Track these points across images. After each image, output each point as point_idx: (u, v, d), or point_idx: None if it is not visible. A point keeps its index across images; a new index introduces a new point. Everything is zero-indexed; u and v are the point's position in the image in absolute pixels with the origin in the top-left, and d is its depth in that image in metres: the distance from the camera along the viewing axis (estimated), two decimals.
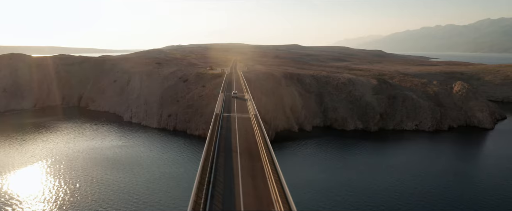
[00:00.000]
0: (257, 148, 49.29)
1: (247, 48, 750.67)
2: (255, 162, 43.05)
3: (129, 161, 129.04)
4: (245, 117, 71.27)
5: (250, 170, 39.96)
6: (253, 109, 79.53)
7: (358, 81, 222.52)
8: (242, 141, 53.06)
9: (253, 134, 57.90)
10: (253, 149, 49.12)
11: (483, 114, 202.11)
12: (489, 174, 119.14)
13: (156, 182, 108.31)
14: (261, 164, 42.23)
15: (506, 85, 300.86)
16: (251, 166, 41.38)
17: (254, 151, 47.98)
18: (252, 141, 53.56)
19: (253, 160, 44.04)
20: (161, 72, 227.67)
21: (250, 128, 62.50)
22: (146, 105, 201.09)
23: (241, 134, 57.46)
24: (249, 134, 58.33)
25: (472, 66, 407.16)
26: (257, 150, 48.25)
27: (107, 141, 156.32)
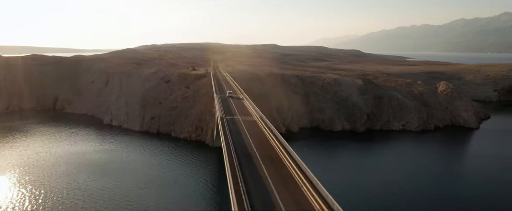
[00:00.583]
0: (276, 153, 48.39)
1: (224, 47, 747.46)
2: (281, 168, 42.16)
3: (114, 166, 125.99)
4: (250, 120, 70.16)
5: (279, 177, 39.05)
6: (254, 111, 78.51)
7: (343, 81, 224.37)
8: (257, 146, 52.04)
9: (266, 138, 56.98)
10: (272, 154, 48.20)
11: (469, 113, 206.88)
12: (479, 173, 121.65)
13: (147, 188, 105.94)
14: (287, 170, 41.38)
15: (486, 84, 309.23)
16: (278, 173, 40.47)
17: (274, 156, 47.06)
18: (268, 146, 52.61)
19: (277, 166, 43.14)
20: (141, 72, 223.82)
21: (260, 131, 61.51)
22: (127, 107, 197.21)
23: (253, 138, 56.45)
24: (261, 138, 57.36)
25: (452, 65, 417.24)
26: (277, 155, 47.35)
27: (89, 145, 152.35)
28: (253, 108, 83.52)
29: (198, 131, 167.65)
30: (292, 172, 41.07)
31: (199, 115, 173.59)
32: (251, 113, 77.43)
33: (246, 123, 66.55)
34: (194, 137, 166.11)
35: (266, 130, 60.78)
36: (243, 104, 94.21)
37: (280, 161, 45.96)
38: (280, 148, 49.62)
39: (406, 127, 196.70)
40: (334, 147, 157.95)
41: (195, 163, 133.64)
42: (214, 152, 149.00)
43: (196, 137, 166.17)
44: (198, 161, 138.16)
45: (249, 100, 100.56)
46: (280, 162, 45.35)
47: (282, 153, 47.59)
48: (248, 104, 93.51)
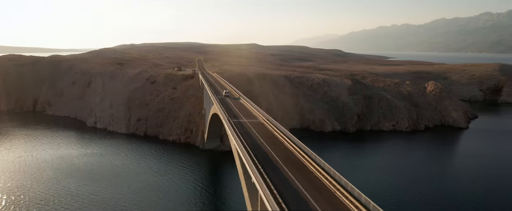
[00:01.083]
0: (295, 156, 47.88)
1: (205, 47, 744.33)
2: (307, 174, 41.66)
3: (104, 170, 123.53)
4: (256, 122, 69.38)
5: (309, 183, 38.49)
6: (258, 113, 77.82)
7: (332, 81, 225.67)
8: (274, 150, 51.39)
9: (280, 141, 56.38)
10: (291, 157, 47.65)
11: (458, 113, 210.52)
12: (476, 174, 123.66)
13: (140, 193, 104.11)
14: (315, 176, 40.89)
15: (472, 84, 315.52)
16: (306, 178, 39.91)
17: (296, 161, 46.53)
18: (284, 149, 52.03)
19: (302, 171, 42.62)
20: (125, 73, 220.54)
21: (271, 134, 60.85)
22: (112, 109, 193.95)
23: (267, 141, 55.74)
24: (275, 141, 56.70)
25: (437, 65, 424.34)
26: (298, 160, 46.86)
27: (74, 149, 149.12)
28: (256, 109, 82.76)
29: (188, 134, 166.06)
30: (320, 176, 40.61)
31: (188, 117, 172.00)
32: (255, 115, 76.62)
33: (254, 126, 65.67)
34: (184, 140, 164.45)
35: (278, 133, 60.11)
36: (243, 105, 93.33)
37: (301, 164, 45.45)
38: (299, 151, 49.11)
39: (396, 127, 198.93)
40: (326, 148, 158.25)
41: (187, 167, 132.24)
42: (205, 155, 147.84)
43: (185, 139, 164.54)
44: (190, 164, 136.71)
45: (248, 101, 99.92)
46: (302, 166, 44.83)
47: (304, 157, 47.08)
48: (248, 105, 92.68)
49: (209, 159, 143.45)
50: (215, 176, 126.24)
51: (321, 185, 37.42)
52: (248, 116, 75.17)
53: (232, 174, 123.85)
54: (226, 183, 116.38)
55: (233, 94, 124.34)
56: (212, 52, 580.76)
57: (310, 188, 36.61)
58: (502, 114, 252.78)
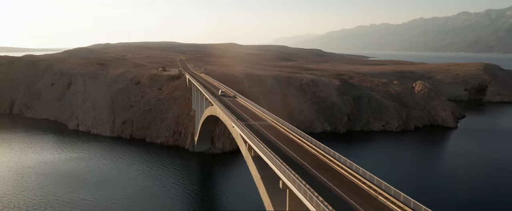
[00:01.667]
0: (323, 161, 47.10)
1: (183, 47, 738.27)
2: (341, 178, 40.91)
3: (93, 176, 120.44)
4: (266, 124, 68.21)
5: (347, 188, 37.73)
6: (265, 114, 76.77)
7: (321, 81, 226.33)
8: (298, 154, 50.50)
9: (299, 144, 55.52)
10: (320, 162, 46.85)
11: (446, 113, 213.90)
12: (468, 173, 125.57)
13: (134, 199, 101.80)
14: (350, 180, 40.19)
15: (456, 83, 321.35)
16: (342, 183, 39.15)
17: (324, 165, 45.76)
18: (309, 153, 51.20)
19: (334, 176, 41.86)
20: (107, 74, 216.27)
21: (287, 137, 59.95)
22: (95, 111, 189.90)
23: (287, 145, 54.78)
24: (293, 144, 55.81)
25: (421, 65, 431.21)
26: (325, 163, 46.09)
27: (59, 153, 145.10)
28: (261, 110, 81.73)
29: (176, 136, 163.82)
30: (352, 179, 39.97)
31: (176, 118, 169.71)
32: (261, 117, 75.51)
33: (266, 129, 64.57)
34: (172, 142, 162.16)
35: (294, 135, 59.25)
36: (244, 106, 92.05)
37: (329, 167, 44.73)
38: (325, 154, 48.38)
39: (386, 127, 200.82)
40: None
41: (180, 170, 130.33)
42: (196, 158, 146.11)
43: (174, 142, 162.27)
44: (182, 168, 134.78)
45: (248, 101, 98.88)
46: (331, 169, 44.12)
47: (329, 160, 46.36)
48: (249, 105, 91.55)
49: (200, 162, 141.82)
50: (209, 179, 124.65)
51: (361, 191, 36.73)
52: (255, 118, 74.02)
53: (227, 177, 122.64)
54: (221, 186, 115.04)
55: (228, 93, 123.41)
56: (191, 51, 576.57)
57: (351, 193, 35.90)
58: (488, 113, 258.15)
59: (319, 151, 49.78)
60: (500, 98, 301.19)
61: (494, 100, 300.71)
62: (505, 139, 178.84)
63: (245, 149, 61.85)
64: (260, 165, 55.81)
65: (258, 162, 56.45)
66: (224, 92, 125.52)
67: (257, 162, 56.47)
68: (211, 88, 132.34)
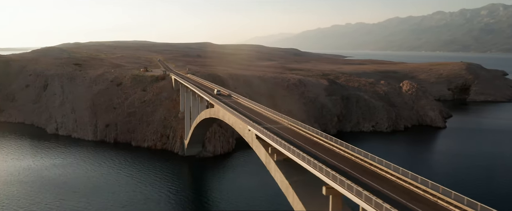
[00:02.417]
0: (363, 165, 46.53)
1: (158, 46, 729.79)
2: (389, 183, 40.37)
3: (81, 183, 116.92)
4: (283, 127, 67.21)
5: (401, 192, 37.18)
6: (276, 116, 75.84)
7: (308, 82, 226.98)
8: (335, 159, 49.83)
9: (330, 148, 54.87)
10: (361, 167, 46.23)
11: (435, 113, 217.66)
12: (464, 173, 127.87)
13: (129, 206, 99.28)
14: (399, 184, 39.68)
15: (440, 83, 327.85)
16: (394, 188, 38.60)
17: (367, 169, 45.19)
18: (344, 157, 50.56)
19: (382, 180, 41.29)
20: (85, 74, 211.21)
21: (313, 141, 59.20)
22: (75, 114, 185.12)
23: (317, 149, 54.00)
24: (324, 148, 55.09)
25: (403, 64, 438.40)
26: (367, 168, 45.52)
27: (41, 159, 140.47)
28: (269, 111, 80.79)
29: (164, 139, 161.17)
30: (402, 183, 39.54)
31: (163, 121, 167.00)
32: (275, 120, 74.41)
33: (285, 132, 63.53)
34: (160, 146, 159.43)
35: (321, 139, 58.52)
36: (250, 108, 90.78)
37: (373, 171, 44.22)
38: (360, 157, 47.90)
39: (376, 128, 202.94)
40: None
41: (171, 175, 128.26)
42: (187, 162, 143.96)
43: (162, 145, 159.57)
44: (173, 172, 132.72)
45: (251, 101, 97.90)
46: (375, 173, 43.60)
47: (370, 164, 45.87)
48: (256, 107, 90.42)
49: (192, 166, 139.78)
50: (204, 184, 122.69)
51: (416, 196, 36.29)
52: (268, 120, 72.92)
53: (222, 181, 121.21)
54: (218, 191, 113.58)
55: (223, 92, 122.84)
56: (167, 51, 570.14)
57: (411, 199, 35.41)
58: (474, 112, 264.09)
59: (355, 155, 49.27)
60: (484, 97, 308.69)
61: (478, 100, 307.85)
62: (496, 138, 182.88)
63: (265, 154, 60.80)
64: (287, 170, 54.96)
65: (284, 167, 55.57)
66: (220, 91, 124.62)
67: (283, 167, 55.57)
68: (204, 88, 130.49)
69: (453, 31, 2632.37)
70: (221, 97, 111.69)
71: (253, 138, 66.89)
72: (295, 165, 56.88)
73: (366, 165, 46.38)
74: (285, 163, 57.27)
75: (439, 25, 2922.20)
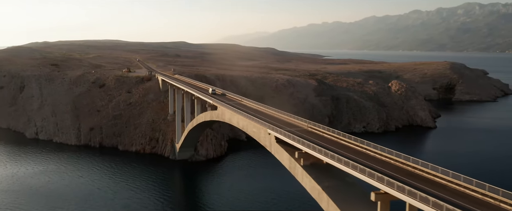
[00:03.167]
0: (406, 169, 45.93)
1: (132, 46, 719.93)
2: (444, 187, 39.85)
3: (71, 191, 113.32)
4: (303, 130, 66.20)
5: (462, 198, 36.63)
6: (291, 118, 74.82)
7: (297, 82, 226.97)
8: (374, 163, 49.07)
9: (363, 152, 54.15)
10: (405, 170, 45.57)
11: (425, 113, 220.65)
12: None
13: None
14: (455, 188, 39.17)
15: (425, 83, 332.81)
16: (452, 193, 38.04)
17: (412, 173, 44.55)
18: (382, 161, 49.89)
19: (434, 184, 40.73)
20: (64, 75, 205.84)
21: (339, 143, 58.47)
22: (56, 117, 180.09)
23: (349, 153, 53.28)
24: (357, 152, 54.35)
25: (387, 64, 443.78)
26: (412, 172, 44.92)
27: (24, 166, 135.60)
28: (284, 114, 79.78)
29: (153, 143, 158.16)
30: (458, 188, 39.08)
31: (151, 124, 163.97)
32: (290, 122, 73.28)
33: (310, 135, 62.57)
34: (149, 150, 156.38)
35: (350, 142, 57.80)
36: (258, 110, 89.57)
37: (419, 175, 43.72)
38: (402, 161, 47.41)
39: (367, 128, 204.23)
40: None
41: (165, 181, 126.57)
42: (179, 166, 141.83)
43: (151, 149, 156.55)
44: (167, 178, 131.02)
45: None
46: (423, 177, 43.10)
47: (413, 168, 45.36)
48: (264, 109, 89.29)
49: (186, 171, 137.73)
50: (199, 189, 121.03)
51: (480, 201, 35.81)
52: (282, 123, 71.81)
53: (222, 185, 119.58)
54: (219, 195, 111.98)
55: (217, 91, 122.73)
56: (143, 50, 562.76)
57: (472, 202, 34.93)
58: (461, 112, 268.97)
59: (394, 158, 48.69)
60: (469, 97, 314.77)
61: (464, 99, 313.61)
62: (490, 137, 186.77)
63: (289, 158, 59.68)
64: (318, 175, 53.98)
65: (314, 172, 54.55)
66: (214, 90, 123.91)
67: (313, 172, 54.56)
68: (198, 89, 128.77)
69: (429, 30, 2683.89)
70: (219, 97, 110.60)
71: (272, 142, 65.69)
72: (324, 169, 56.18)
73: (409, 168, 45.80)
74: (313, 167, 56.36)
75: (415, 24, 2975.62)
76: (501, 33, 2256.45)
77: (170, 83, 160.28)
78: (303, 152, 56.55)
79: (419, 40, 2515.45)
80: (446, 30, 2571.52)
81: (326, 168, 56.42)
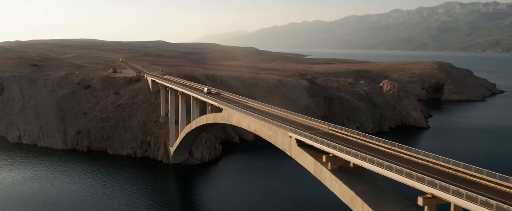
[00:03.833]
0: (450, 172, 45.45)
1: (109, 45, 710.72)
2: (486, 190, 39.53)
3: (63, 200, 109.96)
4: (324, 133, 65.33)
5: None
6: (307, 120, 73.92)
7: (288, 82, 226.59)
8: (416, 167, 48.56)
9: (396, 154, 53.63)
10: (450, 174, 45.10)
11: (418, 113, 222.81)
12: None
13: None
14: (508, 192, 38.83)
15: (414, 83, 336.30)
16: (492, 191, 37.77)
17: (458, 177, 44.10)
18: (421, 164, 49.38)
19: (487, 189, 40.32)
20: (47, 76, 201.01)
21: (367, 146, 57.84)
22: (40, 120, 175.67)
23: (381, 156, 52.67)
24: (389, 155, 53.74)
25: (375, 64, 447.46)
26: (458, 176, 44.51)
27: (11, 172, 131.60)
28: (299, 116, 78.86)
29: (145, 146, 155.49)
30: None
31: (142, 126, 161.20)
32: (307, 125, 72.34)
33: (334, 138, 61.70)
34: (141, 154, 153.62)
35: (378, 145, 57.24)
36: (267, 113, 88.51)
37: (466, 179, 43.31)
38: (441, 164, 46.98)
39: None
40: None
41: (161, 186, 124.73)
42: (173, 170, 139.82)
43: (142, 153, 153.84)
44: (163, 182, 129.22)
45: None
46: (470, 181, 42.71)
47: (456, 170, 44.96)
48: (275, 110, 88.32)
49: (181, 175, 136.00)
50: (197, 194, 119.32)
51: None
52: (299, 125, 70.83)
53: (222, 189, 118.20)
54: (218, 200, 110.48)
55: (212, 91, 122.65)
56: (123, 50, 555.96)
57: None
58: (452, 112, 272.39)
59: (431, 161, 48.17)
60: (458, 97, 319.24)
61: (452, 99, 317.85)
62: (486, 137, 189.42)
63: (313, 162, 58.73)
64: (347, 179, 53.18)
65: (344, 176, 53.72)
66: (210, 89, 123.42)
67: (343, 176, 53.72)
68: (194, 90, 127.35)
69: (410, 29, 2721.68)
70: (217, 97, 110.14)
71: (292, 146, 64.66)
72: (353, 173, 55.44)
73: (450, 171, 45.35)
74: (340, 171, 55.61)
75: (396, 23, 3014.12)
76: (482, 32, 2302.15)
77: (162, 84, 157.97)
78: (331, 156, 55.68)
79: (400, 39, 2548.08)
80: (427, 29, 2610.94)
81: (355, 172, 55.75)
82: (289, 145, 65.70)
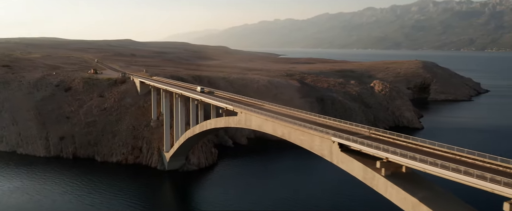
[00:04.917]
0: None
1: (75, 44, 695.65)
2: None
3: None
4: (366, 136, 64.30)
5: None
6: (343, 124, 72.86)
7: (279, 83, 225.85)
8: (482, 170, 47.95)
9: (457, 158, 53.16)
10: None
11: (411, 113, 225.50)
12: None
13: None
14: None
15: (399, 82, 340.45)
16: None
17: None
18: (487, 168, 48.85)
19: None
20: (21, 78, 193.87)
21: (422, 150, 57.24)
22: (17, 126, 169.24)
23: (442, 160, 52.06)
24: (450, 159, 53.13)
25: (358, 63, 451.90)
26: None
27: None
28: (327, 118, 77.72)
29: (136, 152, 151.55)
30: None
31: (132, 131, 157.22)
32: (344, 128, 71.32)
33: (384, 143, 60.70)
34: (132, 160, 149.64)
35: (434, 149, 56.68)
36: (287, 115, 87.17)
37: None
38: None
39: None
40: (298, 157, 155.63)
41: (158, 195, 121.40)
42: (169, 177, 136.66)
43: (134, 159, 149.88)
44: (161, 191, 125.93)
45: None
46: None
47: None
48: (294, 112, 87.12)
49: (179, 182, 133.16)
50: (201, 202, 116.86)
51: None
52: (338, 130, 69.67)
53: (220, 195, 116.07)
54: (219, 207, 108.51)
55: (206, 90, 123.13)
56: (91, 49, 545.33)
57: None
58: (441, 112, 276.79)
59: (495, 163, 47.77)
60: (445, 96, 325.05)
61: (439, 99, 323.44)
62: (484, 137, 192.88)
63: (363, 168, 57.50)
64: (405, 186, 52.26)
65: (403, 182, 52.77)
66: (203, 89, 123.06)
67: (402, 182, 52.75)
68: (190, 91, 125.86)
69: (384, 28, 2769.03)
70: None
71: (333, 151, 63.26)
72: (407, 179, 54.61)
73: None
74: (394, 177, 54.71)
75: (369, 21, 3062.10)
76: (456, 31, 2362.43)
77: (154, 86, 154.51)
78: (385, 161, 54.71)
79: (374, 38, 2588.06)
80: (401, 28, 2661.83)
81: (408, 178, 54.99)
82: (329, 151, 64.26)
